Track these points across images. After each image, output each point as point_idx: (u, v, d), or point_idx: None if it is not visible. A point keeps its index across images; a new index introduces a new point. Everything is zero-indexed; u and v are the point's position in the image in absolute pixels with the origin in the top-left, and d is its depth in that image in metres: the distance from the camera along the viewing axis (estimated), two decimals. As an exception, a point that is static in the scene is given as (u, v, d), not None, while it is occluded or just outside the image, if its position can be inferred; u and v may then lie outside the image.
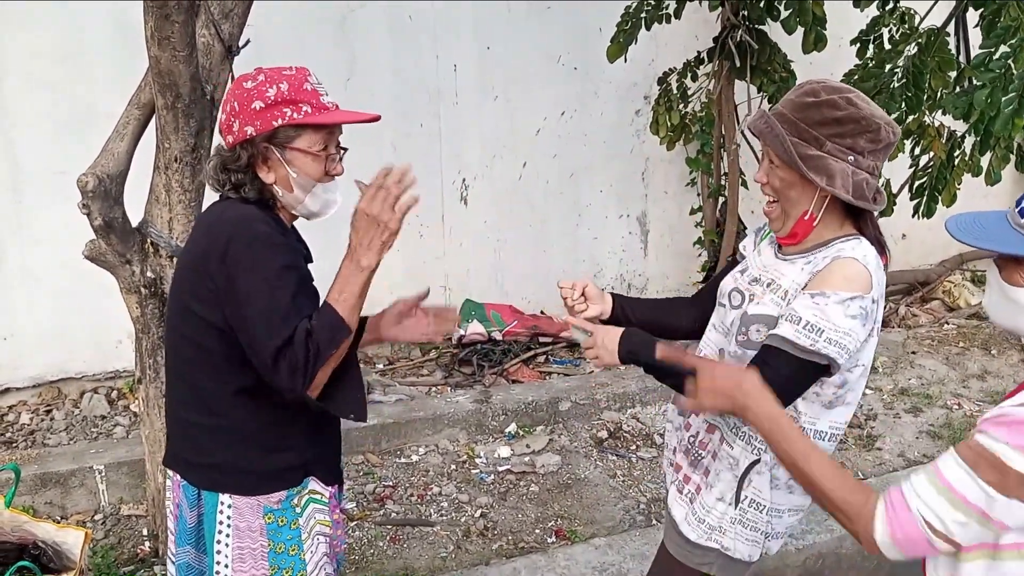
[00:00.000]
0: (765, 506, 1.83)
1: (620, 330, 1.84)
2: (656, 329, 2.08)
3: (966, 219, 1.43)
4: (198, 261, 1.75)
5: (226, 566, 1.83)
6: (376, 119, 1.82)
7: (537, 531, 3.39)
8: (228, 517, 1.82)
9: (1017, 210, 1.36)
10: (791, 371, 1.68)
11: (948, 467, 1.29)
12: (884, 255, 1.79)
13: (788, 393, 1.69)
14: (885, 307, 1.80)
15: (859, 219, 1.78)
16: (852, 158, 1.69)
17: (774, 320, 1.75)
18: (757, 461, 1.81)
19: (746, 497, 1.82)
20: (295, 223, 1.92)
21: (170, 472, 1.95)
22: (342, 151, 1.85)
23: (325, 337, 1.65)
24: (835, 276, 1.68)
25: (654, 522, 3.43)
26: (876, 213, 1.78)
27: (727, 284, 1.95)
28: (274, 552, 1.83)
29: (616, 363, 1.83)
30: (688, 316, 2.09)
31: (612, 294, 2.12)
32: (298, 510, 1.85)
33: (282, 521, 1.84)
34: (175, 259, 2.75)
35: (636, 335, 1.83)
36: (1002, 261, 1.39)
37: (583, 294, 2.05)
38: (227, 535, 1.82)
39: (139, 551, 3.21)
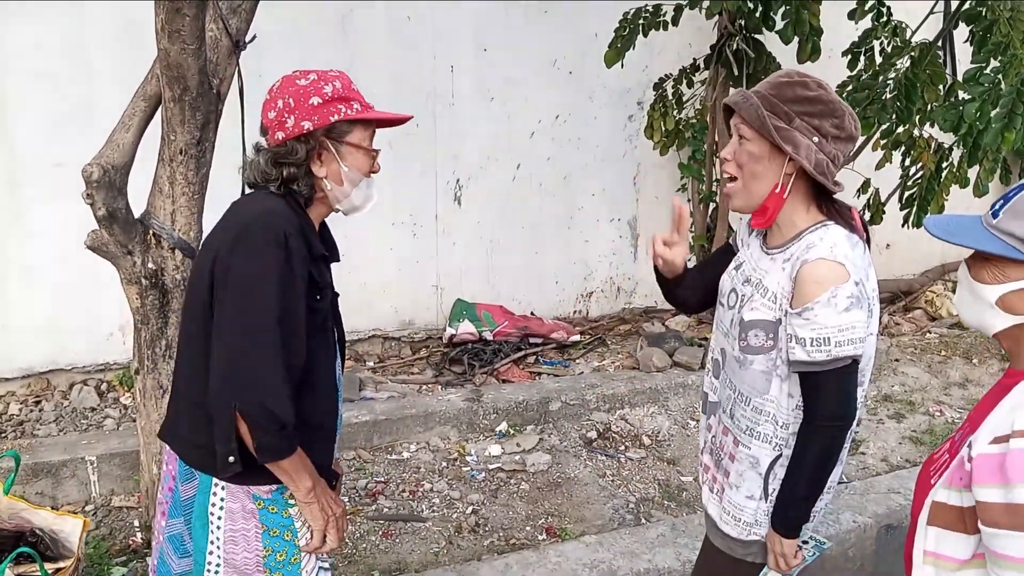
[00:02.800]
0: None
1: (773, 535, 1.89)
2: (675, 294, 2.13)
3: (943, 219, 1.48)
4: (216, 250, 1.77)
5: (218, 547, 1.85)
6: (408, 119, 1.96)
7: (528, 528, 3.43)
8: (221, 499, 1.84)
9: (990, 212, 1.41)
10: (833, 386, 1.76)
11: (1013, 546, 1.27)
12: (856, 233, 1.82)
13: (850, 401, 1.78)
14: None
15: (824, 204, 1.82)
16: (817, 139, 1.75)
17: (771, 325, 1.80)
18: (780, 456, 1.86)
19: (773, 490, 1.88)
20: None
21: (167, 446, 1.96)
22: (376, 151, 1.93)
23: (270, 440, 1.73)
24: (807, 286, 1.73)
25: (643, 521, 3.47)
26: (861, 211, 1.81)
27: (725, 284, 1.99)
28: (268, 534, 1.85)
29: (791, 538, 1.88)
30: (693, 288, 2.11)
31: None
32: (291, 500, 1.87)
33: (272, 509, 1.85)
34: (176, 251, 2.77)
35: (780, 530, 1.88)
36: (972, 259, 1.44)
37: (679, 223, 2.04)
38: (219, 516, 1.84)
39: (131, 542, 3.21)
